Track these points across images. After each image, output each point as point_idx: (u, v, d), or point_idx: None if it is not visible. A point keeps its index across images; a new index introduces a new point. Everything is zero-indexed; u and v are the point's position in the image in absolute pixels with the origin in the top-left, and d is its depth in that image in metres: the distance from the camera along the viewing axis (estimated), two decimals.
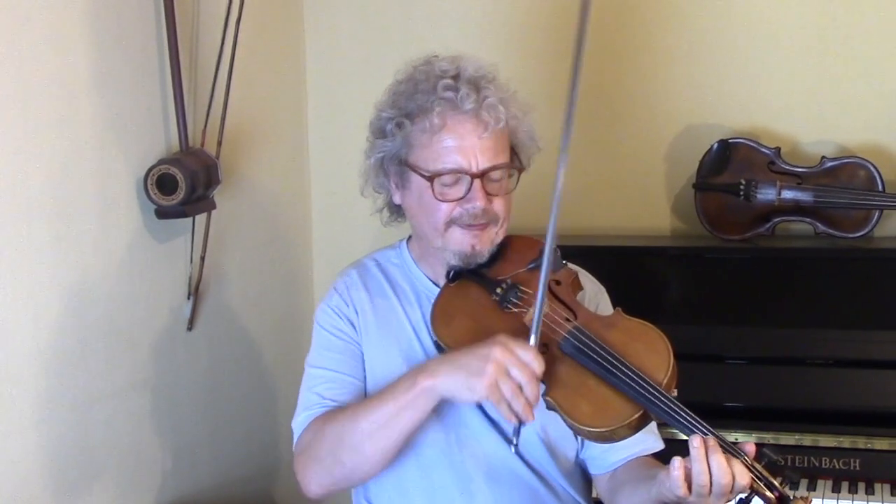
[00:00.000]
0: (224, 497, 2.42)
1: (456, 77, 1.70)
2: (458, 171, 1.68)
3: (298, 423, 1.78)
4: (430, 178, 1.69)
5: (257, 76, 2.57)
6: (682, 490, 1.44)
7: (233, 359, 2.51)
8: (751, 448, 1.49)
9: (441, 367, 1.61)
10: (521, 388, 1.53)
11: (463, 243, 1.71)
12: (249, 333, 2.59)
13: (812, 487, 2.11)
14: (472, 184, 1.68)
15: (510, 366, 1.53)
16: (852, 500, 2.07)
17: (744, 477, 1.44)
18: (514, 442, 1.59)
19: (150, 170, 2.08)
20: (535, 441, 1.76)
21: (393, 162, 1.74)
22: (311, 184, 2.88)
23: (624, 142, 2.64)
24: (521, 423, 1.56)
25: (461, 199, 1.69)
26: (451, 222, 1.71)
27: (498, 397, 1.53)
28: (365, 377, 1.81)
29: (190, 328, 2.31)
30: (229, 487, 2.45)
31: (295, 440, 1.78)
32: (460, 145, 1.67)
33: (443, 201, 1.70)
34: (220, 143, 2.29)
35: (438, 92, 1.68)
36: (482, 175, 1.68)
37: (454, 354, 1.62)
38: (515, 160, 1.77)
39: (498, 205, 1.71)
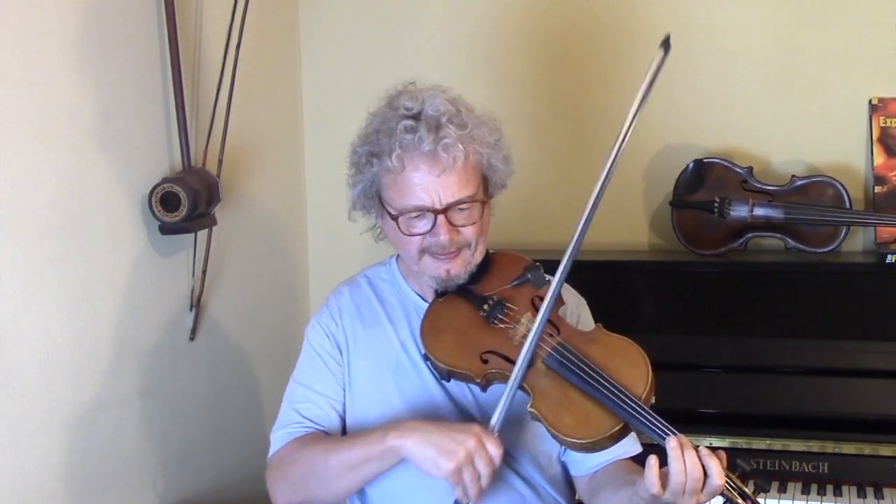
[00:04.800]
0: (225, 498, 2.43)
1: (417, 116, 1.69)
2: (421, 209, 1.69)
3: (277, 437, 1.81)
4: (395, 217, 1.71)
5: (256, 100, 2.59)
6: (656, 488, 1.49)
7: (232, 367, 2.53)
8: (721, 455, 1.52)
9: (414, 433, 1.64)
10: (479, 477, 1.59)
11: (437, 270, 1.73)
12: (248, 343, 2.61)
13: (783, 490, 2.13)
14: (436, 219, 1.69)
15: (477, 458, 1.58)
16: (821, 502, 2.09)
17: (719, 476, 1.48)
18: None
19: (154, 188, 2.11)
20: (522, 447, 1.78)
21: (368, 195, 1.76)
22: (306, 201, 2.90)
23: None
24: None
25: (428, 232, 1.70)
26: (423, 252, 1.72)
27: (457, 481, 1.59)
28: (345, 398, 1.83)
29: (192, 338, 2.33)
30: (230, 489, 2.45)
31: (271, 452, 1.82)
32: (421, 184, 1.67)
33: (410, 235, 1.71)
34: (220, 163, 2.32)
35: (398, 134, 1.67)
36: (445, 211, 1.69)
37: (430, 426, 1.65)
38: (483, 190, 1.75)
39: (468, 232, 1.72)
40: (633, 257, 2.57)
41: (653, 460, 1.51)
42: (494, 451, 1.60)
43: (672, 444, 1.51)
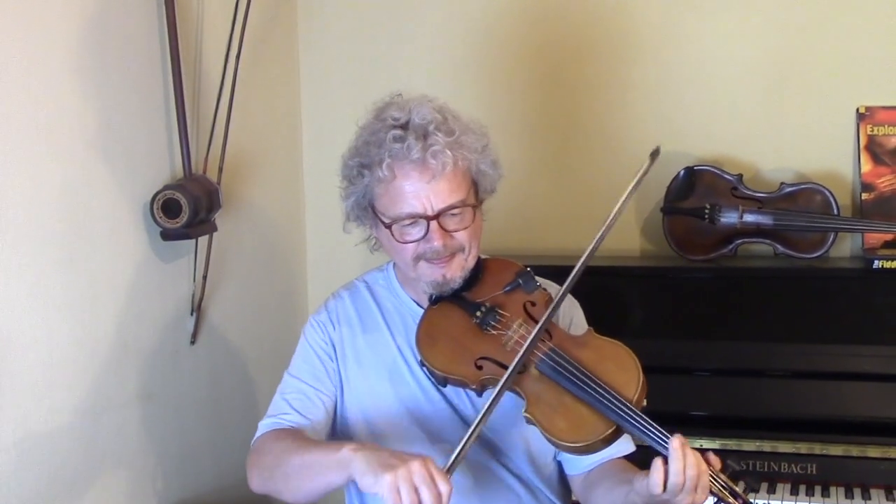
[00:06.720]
0: (225, 500, 2.44)
1: (405, 126, 1.70)
2: (414, 216, 1.71)
3: (264, 424, 1.83)
4: (389, 225, 1.73)
5: (255, 108, 2.61)
6: (659, 489, 1.52)
7: (232, 370, 2.55)
8: (715, 459, 1.56)
9: (367, 449, 1.60)
10: None
11: (434, 275, 1.75)
12: (247, 347, 2.62)
13: (772, 491, 2.15)
14: (428, 226, 1.70)
15: (421, 483, 1.49)
16: (809, 503, 2.11)
17: (702, 474, 1.52)
18: None
19: (155, 195, 2.13)
20: (518, 449, 1.81)
21: (361, 206, 1.78)
22: (305, 207, 2.92)
23: (597, 169, 2.67)
24: None
25: (421, 238, 1.72)
26: (418, 258, 1.74)
27: (395, 500, 1.49)
28: (337, 398, 1.85)
29: (193, 342, 2.35)
30: (230, 491, 2.45)
31: (255, 437, 1.83)
32: (412, 191, 1.69)
33: (404, 243, 1.73)
34: (221, 171, 2.34)
35: (387, 143, 1.69)
36: (437, 217, 1.70)
37: (387, 448, 1.62)
38: (474, 194, 1.77)
39: (461, 236, 1.73)
40: (625, 263, 2.58)
41: (659, 462, 1.53)
42: (443, 486, 1.50)
43: (675, 444, 1.53)
